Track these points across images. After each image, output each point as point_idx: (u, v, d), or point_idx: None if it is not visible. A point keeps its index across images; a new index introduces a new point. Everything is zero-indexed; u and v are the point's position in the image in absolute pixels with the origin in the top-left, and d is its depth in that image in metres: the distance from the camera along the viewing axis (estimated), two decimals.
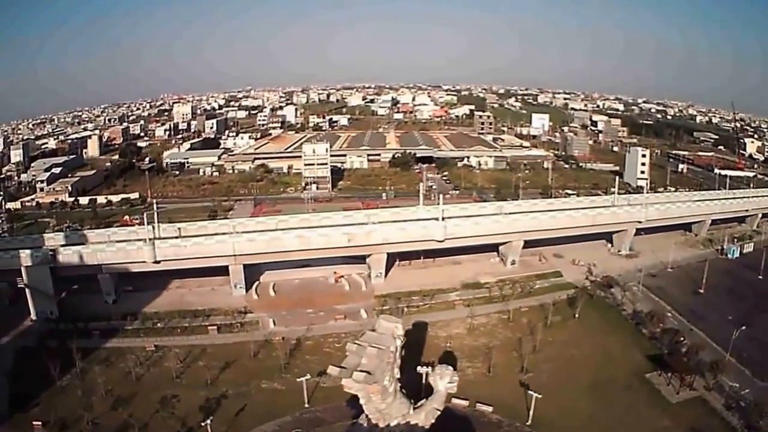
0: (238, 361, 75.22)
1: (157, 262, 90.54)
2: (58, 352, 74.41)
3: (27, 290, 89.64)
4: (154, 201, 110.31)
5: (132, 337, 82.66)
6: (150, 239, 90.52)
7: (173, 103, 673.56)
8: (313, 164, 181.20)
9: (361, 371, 41.90)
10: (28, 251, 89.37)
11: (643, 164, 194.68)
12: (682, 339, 77.32)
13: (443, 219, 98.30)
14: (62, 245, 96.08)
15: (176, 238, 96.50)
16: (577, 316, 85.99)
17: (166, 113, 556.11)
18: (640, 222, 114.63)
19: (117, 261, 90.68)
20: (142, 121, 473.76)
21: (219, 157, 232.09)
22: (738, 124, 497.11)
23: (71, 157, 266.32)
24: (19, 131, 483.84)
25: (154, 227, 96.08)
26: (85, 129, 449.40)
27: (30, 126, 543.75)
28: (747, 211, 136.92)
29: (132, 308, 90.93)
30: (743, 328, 74.59)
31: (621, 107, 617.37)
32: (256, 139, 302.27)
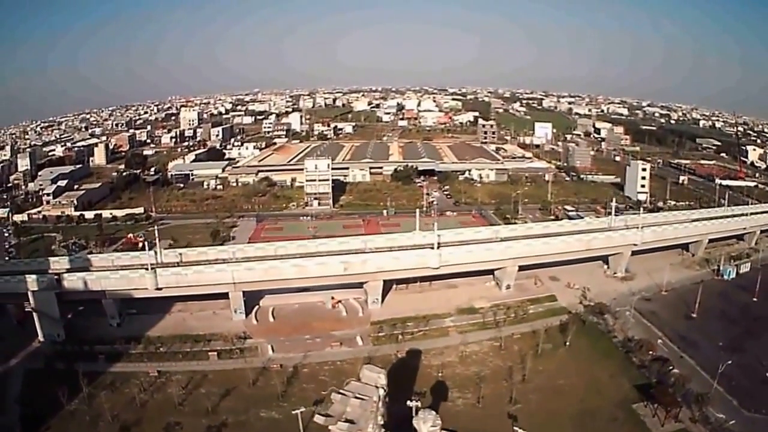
0: (238, 388, 76.99)
1: (159, 289, 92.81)
2: (66, 375, 76.83)
3: (34, 313, 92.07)
4: (156, 228, 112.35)
5: (136, 362, 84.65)
6: (152, 266, 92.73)
7: (180, 106, 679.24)
8: (314, 180, 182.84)
9: (346, 420, 44.12)
10: (34, 276, 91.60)
11: (644, 178, 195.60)
12: (670, 368, 78.66)
13: (438, 247, 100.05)
14: (67, 269, 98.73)
15: (177, 265, 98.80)
16: (567, 343, 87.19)
17: (173, 117, 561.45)
18: (635, 245, 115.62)
19: (120, 287, 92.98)
20: (149, 126, 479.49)
21: (223, 170, 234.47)
22: (741, 128, 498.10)
23: (77, 166, 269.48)
24: (27, 136, 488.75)
25: (156, 253, 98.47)
26: (92, 134, 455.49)
27: (38, 129, 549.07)
28: (745, 229, 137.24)
29: (136, 332, 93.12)
30: (729, 363, 75.20)
31: (625, 111, 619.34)
32: (260, 149, 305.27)
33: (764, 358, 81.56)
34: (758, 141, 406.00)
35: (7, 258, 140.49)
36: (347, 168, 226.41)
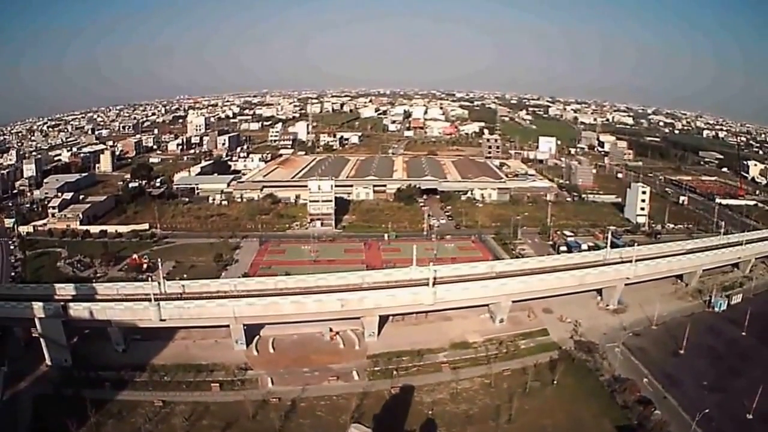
0: (239, 421, 79.10)
1: (163, 320, 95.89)
2: (74, 402, 79.39)
3: (41, 339, 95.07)
4: (160, 261, 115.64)
5: (141, 390, 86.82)
6: (155, 297, 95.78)
7: (188, 107, 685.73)
8: (318, 201, 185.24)
9: None
10: (40, 304, 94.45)
11: (643, 200, 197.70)
12: (653, 410, 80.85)
13: (434, 284, 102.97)
14: (73, 296, 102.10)
15: (180, 297, 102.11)
16: (555, 381, 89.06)
17: (180, 120, 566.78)
18: (628, 278, 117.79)
19: (125, 318, 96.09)
20: (155, 131, 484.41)
21: (228, 184, 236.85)
22: (744, 138, 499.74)
23: (83, 174, 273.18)
24: (33, 137, 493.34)
25: (159, 284, 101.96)
26: (98, 137, 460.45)
27: (44, 129, 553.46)
28: (739, 258, 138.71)
29: (140, 359, 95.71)
30: (706, 411, 76.33)
31: (630, 120, 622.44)
32: (266, 161, 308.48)
33: (747, 397, 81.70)
34: (760, 152, 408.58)
35: (13, 274, 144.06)
36: (351, 185, 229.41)
